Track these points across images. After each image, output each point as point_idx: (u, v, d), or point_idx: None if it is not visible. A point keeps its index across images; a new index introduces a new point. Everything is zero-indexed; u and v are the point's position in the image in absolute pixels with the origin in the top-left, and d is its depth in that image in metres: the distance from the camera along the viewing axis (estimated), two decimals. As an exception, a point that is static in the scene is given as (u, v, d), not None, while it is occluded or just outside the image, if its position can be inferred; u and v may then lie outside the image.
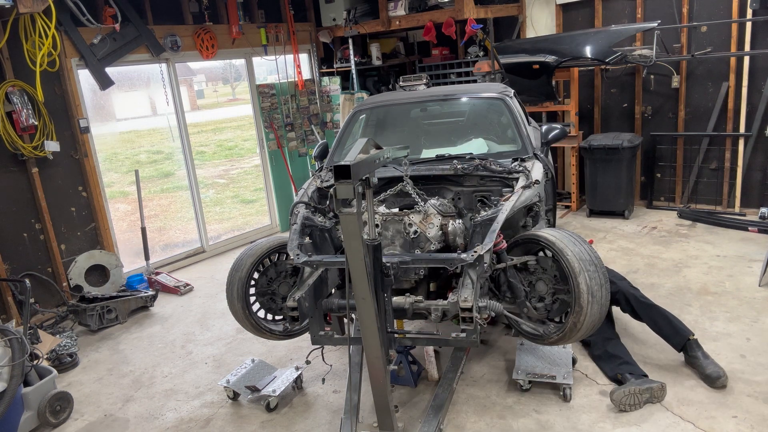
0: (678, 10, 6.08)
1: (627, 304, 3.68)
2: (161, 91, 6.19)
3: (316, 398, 3.62)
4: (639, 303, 3.64)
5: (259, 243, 3.62)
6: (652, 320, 3.59)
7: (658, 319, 3.56)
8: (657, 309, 3.60)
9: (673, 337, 3.51)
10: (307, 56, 7.70)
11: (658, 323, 3.57)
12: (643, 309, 3.61)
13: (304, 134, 7.54)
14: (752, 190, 6.08)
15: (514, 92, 4.50)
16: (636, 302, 3.64)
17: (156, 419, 3.62)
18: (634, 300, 3.65)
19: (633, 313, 3.67)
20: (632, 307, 3.65)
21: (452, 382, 3.33)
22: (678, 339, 3.50)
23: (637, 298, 3.66)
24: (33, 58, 4.84)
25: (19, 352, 3.27)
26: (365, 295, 2.48)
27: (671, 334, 3.52)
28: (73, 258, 5.35)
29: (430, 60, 7.81)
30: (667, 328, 3.53)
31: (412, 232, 3.28)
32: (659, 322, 3.56)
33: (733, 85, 5.95)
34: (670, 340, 3.54)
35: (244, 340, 4.49)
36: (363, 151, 2.54)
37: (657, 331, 3.58)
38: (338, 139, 4.40)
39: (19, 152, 4.94)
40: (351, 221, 2.33)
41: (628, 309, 3.69)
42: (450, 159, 3.71)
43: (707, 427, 2.99)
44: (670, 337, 3.53)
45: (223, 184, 10.62)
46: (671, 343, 3.54)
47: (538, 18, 7.04)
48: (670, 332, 3.53)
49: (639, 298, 3.66)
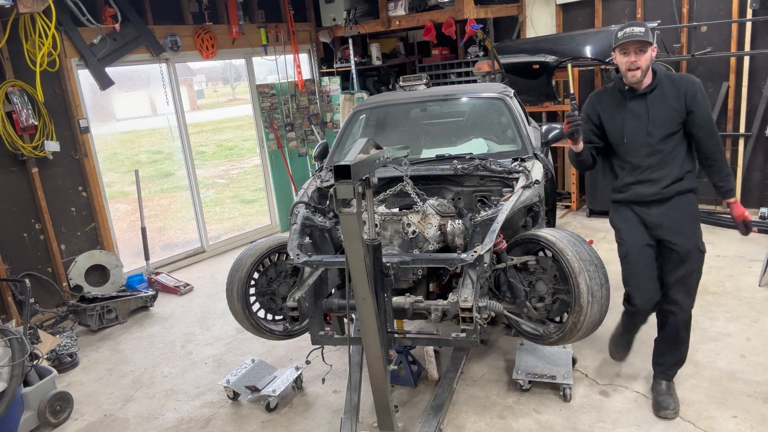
0: (678, 10, 6.07)
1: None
2: (161, 91, 6.19)
3: (316, 398, 3.62)
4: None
5: (259, 243, 3.62)
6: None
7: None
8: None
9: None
10: (307, 56, 7.70)
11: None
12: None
13: (304, 134, 7.54)
14: (752, 190, 6.08)
15: (514, 92, 4.50)
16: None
17: (156, 419, 3.62)
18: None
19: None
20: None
21: (452, 382, 3.33)
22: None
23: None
24: (33, 58, 4.84)
25: (19, 352, 3.27)
26: (365, 295, 2.48)
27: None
28: (73, 258, 5.35)
29: (430, 60, 7.81)
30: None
31: (411, 232, 3.28)
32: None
33: (733, 85, 5.95)
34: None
35: (244, 340, 4.49)
36: (363, 151, 2.54)
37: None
38: (338, 139, 4.40)
39: (19, 152, 4.94)
40: (351, 221, 2.33)
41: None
42: (450, 159, 3.71)
43: (707, 427, 2.99)
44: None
45: (223, 184, 10.62)
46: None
47: (538, 18, 7.04)
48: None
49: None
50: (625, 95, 2.95)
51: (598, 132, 3.06)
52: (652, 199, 2.95)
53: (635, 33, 2.76)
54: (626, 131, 2.94)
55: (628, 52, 2.80)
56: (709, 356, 3.61)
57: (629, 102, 2.93)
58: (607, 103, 3.02)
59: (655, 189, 2.93)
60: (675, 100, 2.86)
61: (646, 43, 2.76)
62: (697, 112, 2.85)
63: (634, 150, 2.94)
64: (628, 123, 2.93)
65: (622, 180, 3.01)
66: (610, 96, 3.03)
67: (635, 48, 2.78)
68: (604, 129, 3.04)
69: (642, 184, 2.95)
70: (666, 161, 2.91)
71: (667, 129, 2.87)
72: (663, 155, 2.90)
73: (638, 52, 2.78)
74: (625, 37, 2.78)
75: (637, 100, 2.91)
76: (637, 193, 2.97)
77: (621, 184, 3.02)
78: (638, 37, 2.74)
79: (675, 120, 2.86)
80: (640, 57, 2.78)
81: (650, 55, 2.82)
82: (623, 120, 2.94)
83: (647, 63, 2.81)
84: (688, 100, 2.84)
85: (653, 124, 2.88)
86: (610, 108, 3.00)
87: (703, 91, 2.89)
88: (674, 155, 2.91)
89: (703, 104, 2.87)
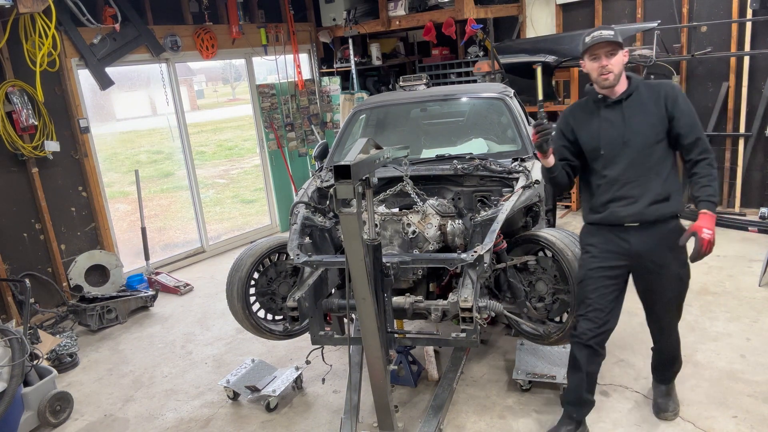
0: (678, 10, 6.07)
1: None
2: (161, 91, 6.19)
3: (316, 398, 3.62)
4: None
5: (259, 243, 3.62)
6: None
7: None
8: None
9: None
10: (307, 56, 7.70)
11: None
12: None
13: (304, 134, 7.54)
14: (752, 190, 6.08)
15: (514, 92, 4.50)
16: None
17: (156, 419, 3.62)
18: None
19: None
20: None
21: (452, 382, 3.33)
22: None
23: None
24: (33, 58, 4.84)
25: (19, 352, 3.27)
26: (365, 295, 2.48)
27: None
28: (73, 258, 5.35)
29: (430, 60, 7.81)
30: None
31: (411, 232, 3.28)
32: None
33: (733, 85, 5.95)
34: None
35: (244, 340, 4.49)
36: (363, 151, 2.54)
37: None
38: (338, 139, 4.40)
39: (19, 152, 4.94)
40: (351, 221, 2.33)
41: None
42: (450, 159, 3.71)
43: (707, 427, 2.99)
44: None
45: (223, 184, 10.62)
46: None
47: (538, 18, 7.04)
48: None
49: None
50: (599, 104, 2.74)
51: (573, 149, 2.83)
52: (632, 222, 2.68)
53: (604, 35, 2.59)
54: (602, 141, 2.70)
55: (598, 57, 2.62)
56: (709, 356, 3.61)
57: (603, 111, 2.72)
58: (581, 117, 2.80)
59: (636, 209, 2.65)
60: (654, 104, 2.65)
61: (616, 45, 2.60)
62: (680, 116, 2.63)
63: (612, 162, 2.70)
64: (604, 132, 2.70)
65: (599, 198, 2.75)
66: (584, 109, 2.81)
67: (605, 51, 2.60)
68: (579, 145, 2.81)
69: (620, 201, 2.68)
70: (647, 175, 2.65)
71: (647, 137, 2.64)
72: (644, 168, 2.65)
73: (609, 55, 2.60)
74: (593, 41, 2.60)
75: (612, 108, 2.71)
76: (616, 214, 2.69)
77: (598, 203, 2.76)
78: (608, 39, 2.58)
79: (655, 127, 2.64)
80: (611, 60, 2.60)
81: (622, 59, 2.63)
82: (598, 130, 2.72)
83: (619, 67, 2.63)
84: (669, 105, 2.63)
85: (630, 132, 2.65)
86: (584, 121, 2.78)
87: (685, 96, 2.68)
88: (658, 170, 2.65)
89: (686, 108, 2.64)
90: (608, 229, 2.75)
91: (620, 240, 2.72)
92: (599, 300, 2.75)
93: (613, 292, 2.76)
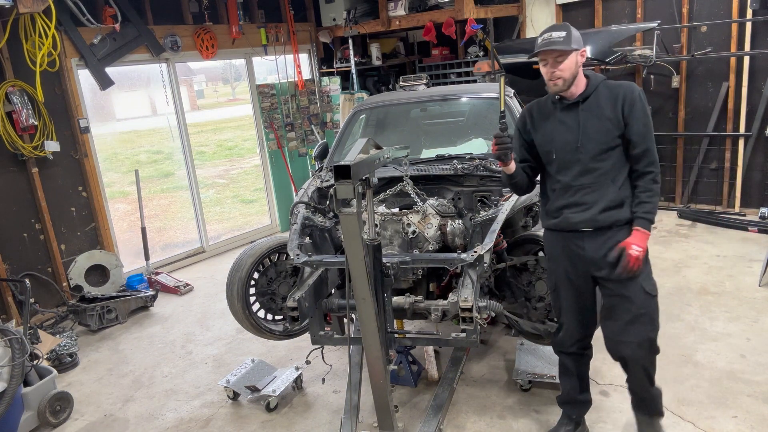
0: (678, 10, 6.07)
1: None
2: (161, 91, 6.19)
3: (316, 398, 3.62)
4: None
5: (259, 243, 3.62)
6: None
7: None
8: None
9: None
10: (307, 56, 7.70)
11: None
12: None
13: (304, 134, 7.54)
14: (752, 190, 6.08)
15: (514, 92, 4.50)
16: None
17: (156, 419, 3.62)
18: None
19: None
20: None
21: (452, 382, 3.33)
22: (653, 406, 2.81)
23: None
24: (33, 58, 4.84)
25: (19, 352, 3.27)
26: (365, 295, 2.48)
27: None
28: (73, 258, 5.35)
29: (430, 60, 7.81)
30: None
31: (411, 232, 3.28)
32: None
33: (733, 85, 5.95)
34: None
35: (244, 340, 4.49)
36: (363, 151, 2.54)
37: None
38: (338, 139, 4.40)
39: (19, 152, 4.94)
40: (351, 221, 2.33)
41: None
42: (450, 159, 3.71)
43: (707, 427, 2.99)
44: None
45: (223, 184, 10.62)
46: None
47: (538, 18, 7.04)
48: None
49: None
50: (556, 105, 2.61)
51: (531, 150, 2.72)
52: (586, 228, 2.56)
53: (553, 40, 2.43)
54: (555, 145, 2.58)
55: (546, 62, 2.49)
56: (709, 356, 3.61)
57: (560, 113, 2.59)
58: (538, 117, 2.68)
59: (588, 215, 2.53)
60: (611, 109, 2.49)
61: (564, 52, 2.44)
62: (633, 123, 2.46)
63: (565, 167, 2.57)
64: (558, 136, 2.58)
65: (554, 203, 2.64)
66: (542, 109, 2.68)
67: (553, 57, 2.45)
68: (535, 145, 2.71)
69: (573, 207, 2.56)
70: (601, 182, 2.52)
71: (602, 143, 2.49)
72: (598, 174, 2.52)
73: (557, 61, 2.45)
74: (542, 45, 2.46)
75: (568, 110, 2.57)
76: (568, 220, 2.58)
77: (553, 208, 2.65)
78: (555, 46, 2.43)
79: (610, 133, 2.49)
80: (559, 66, 2.45)
81: (576, 61, 2.48)
82: (552, 133, 2.60)
83: (571, 71, 2.47)
84: (626, 110, 2.47)
85: (585, 137, 2.51)
86: (541, 121, 2.66)
87: (644, 101, 2.51)
88: (612, 176, 2.51)
89: (641, 115, 2.47)
90: (563, 235, 2.65)
91: (575, 246, 2.61)
92: (573, 306, 2.72)
93: (586, 299, 2.69)
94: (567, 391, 2.94)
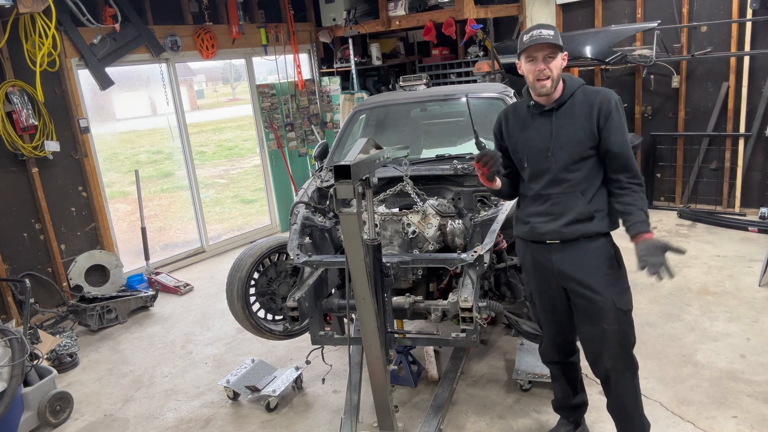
0: (678, 10, 6.07)
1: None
2: (161, 91, 6.19)
3: (316, 398, 3.62)
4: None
5: (259, 243, 3.62)
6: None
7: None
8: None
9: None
10: (307, 56, 7.70)
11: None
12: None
13: (304, 134, 7.54)
14: (752, 190, 6.08)
15: (514, 92, 4.50)
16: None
17: (156, 419, 3.62)
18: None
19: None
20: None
21: (452, 382, 3.34)
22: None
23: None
24: (33, 58, 4.84)
25: (19, 352, 3.27)
26: (365, 295, 2.48)
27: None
28: (73, 258, 5.35)
29: (430, 60, 7.81)
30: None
31: (411, 232, 3.28)
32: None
33: (733, 85, 5.95)
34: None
35: (244, 340, 4.49)
36: (363, 151, 2.54)
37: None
38: (338, 139, 4.40)
39: (19, 152, 4.94)
40: (351, 221, 2.33)
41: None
42: (450, 159, 3.71)
43: (707, 427, 2.99)
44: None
45: (223, 184, 10.62)
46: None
47: (538, 18, 7.04)
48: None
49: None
50: (531, 111, 2.52)
51: (508, 155, 2.64)
52: (551, 240, 2.48)
53: (543, 36, 2.33)
54: (528, 153, 2.51)
55: (535, 59, 2.37)
56: (709, 356, 3.61)
57: (534, 119, 2.51)
58: (513, 122, 2.59)
59: (554, 226, 2.45)
60: (585, 118, 2.40)
61: (556, 47, 2.35)
62: (610, 134, 2.38)
63: (537, 176, 2.50)
64: (531, 143, 2.50)
65: (525, 210, 2.58)
66: (517, 114, 2.59)
67: (544, 54, 2.35)
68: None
69: (541, 217, 2.49)
70: (571, 193, 2.43)
71: (574, 153, 2.41)
72: (567, 185, 2.43)
73: (547, 59, 2.35)
74: (532, 41, 2.34)
75: (542, 117, 2.48)
76: (535, 229, 2.50)
77: (523, 215, 2.58)
78: (547, 40, 2.32)
79: (583, 143, 2.40)
80: (549, 64, 2.36)
81: (560, 63, 2.39)
82: (525, 140, 2.52)
83: (558, 72, 2.39)
84: (601, 119, 2.38)
85: (557, 146, 2.43)
86: (515, 127, 2.57)
87: (620, 110, 2.42)
88: (583, 188, 2.43)
89: (617, 125, 2.38)
90: (532, 246, 2.57)
91: (543, 258, 2.54)
92: (550, 317, 2.69)
93: (561, 310, 2.62)
94: (560, 398, 2.94)
